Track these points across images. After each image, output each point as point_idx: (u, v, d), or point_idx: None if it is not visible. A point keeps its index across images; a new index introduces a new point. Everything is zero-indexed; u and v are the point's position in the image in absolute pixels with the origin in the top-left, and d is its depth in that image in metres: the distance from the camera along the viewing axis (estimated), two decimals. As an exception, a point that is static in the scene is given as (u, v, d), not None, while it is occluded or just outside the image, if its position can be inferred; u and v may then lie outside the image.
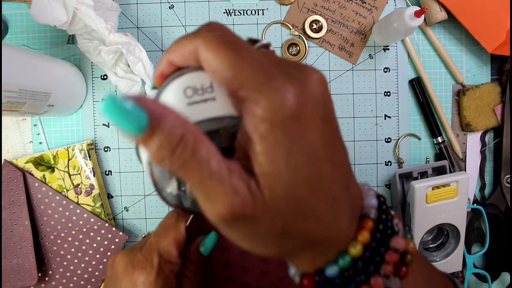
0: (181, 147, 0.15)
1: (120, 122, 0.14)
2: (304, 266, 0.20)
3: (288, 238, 0.18)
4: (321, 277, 0.20)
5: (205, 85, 0.18)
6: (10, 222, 0.47)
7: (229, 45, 0.17)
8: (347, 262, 0.19)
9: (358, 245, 0.19)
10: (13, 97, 0.37)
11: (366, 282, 0.19)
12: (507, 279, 0.52)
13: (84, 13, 0.41)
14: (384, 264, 0.20)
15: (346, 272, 0.19)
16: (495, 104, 0.50)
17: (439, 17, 0.48)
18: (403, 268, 0.20)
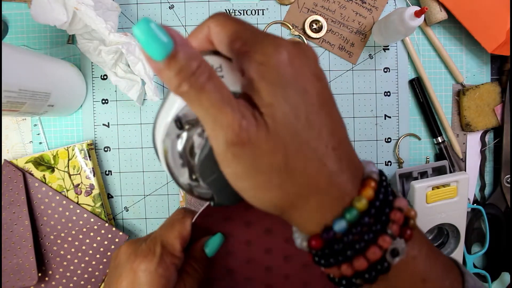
0: (199, 71, 0.17)
1: (150, 42, 0.16)
2: (310, 224, 0.20)
3: (290, 178, 0.19)
4: (329, 234, 0.20)
5: (215, 66, 0.21)
6: (10, 222, 0.47)
7: (233, 19, 0.20)
8: (354, 216, 0.19)
9: (363, 200, 0.19)
10: (13, 97, 0.37)
11: (374, 241, 0.20)
12: (507, 279, 0.52)
13: (84, 13, 0.41)
14: (390, 223, 0.20)
15: (354, 229, 0.20)
16: (495, 104, 0.50)
17: (439, 17, 0.48)
18: (408, 231, 0.20)
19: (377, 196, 0.20)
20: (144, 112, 0.52)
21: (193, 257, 0.28)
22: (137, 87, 0.48)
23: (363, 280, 0.21)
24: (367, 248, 0.20)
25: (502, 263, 0.51)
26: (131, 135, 0.51)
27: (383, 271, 0.20)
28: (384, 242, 0.20)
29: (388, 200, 0.20)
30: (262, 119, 0.19)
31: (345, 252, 0.20)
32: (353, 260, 0.20)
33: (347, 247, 0.20)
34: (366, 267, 0.20)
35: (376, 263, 0.20)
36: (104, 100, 0.51)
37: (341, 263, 0.20)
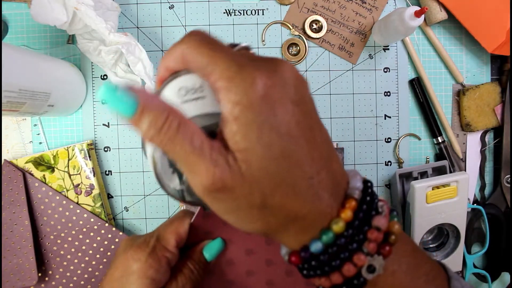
0: (166, 125, 0.18)
1: (115, 106, 0.17)
2: (291, 243, 0.22)
3: (269, 212, 0.20)
4: (307, 253, 0.21)
5: (196, 85, 0.21)
6: (10, 222, 0.47)
7: (207, 44, 0.20)
8: (330, 238, 0.20)
9: (340, 222, 0.20)
10: (13, 97, 0.37)
11: (350, 259, 0.21)
12: (507, 279, 0.52)
13: (84, 13, 0.41)
14: (367, 242, 0.21)
15: (330, 249, 0.21)
16: (495, 104, 0.50)
17: (439, 17, 0.48)
18: (386, 247, 0.21)
19: (356, 215, 0.21)
20: (144, 112, 0.51)
21: (191, 258, 0.29)
22: (137, 87, 0.48)
23: None
24: (342, 265, 0.21)
25: (502, 263, 0.51)
26: (131, 135, 0.51)
27: (359, 286, 0.21)
28: (359, 260, 0.21)
29: (367, 219, 0.21)
30: (236, 165, 0.19)
31: (323, 268, 0.21)
32: (330, 275, 0.21)
33: (324, 264, 0.21)
34: (342, 282, 0.21)
35: (352, 278, 0.21)
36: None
37: (320, 275, 0.22)
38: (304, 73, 0.52)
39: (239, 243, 0.29)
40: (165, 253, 0.28)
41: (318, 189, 0.20)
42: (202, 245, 0.29)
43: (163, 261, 0.27)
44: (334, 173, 0.21)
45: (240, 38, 0.51)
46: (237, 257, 0.29)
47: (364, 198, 0.21)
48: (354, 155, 0.52)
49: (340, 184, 0.22)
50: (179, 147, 0.18)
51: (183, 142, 0.18)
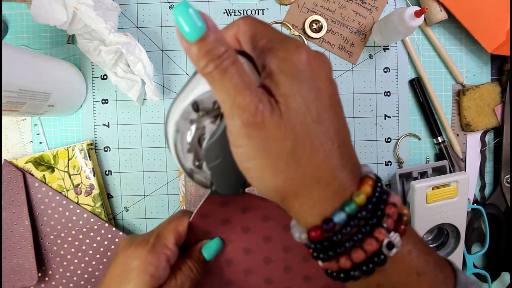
0: (226, 55, 0.19)
1: (185, 24, 0.18)
2: (311, 215, 0.22)
3: (296, 165, 0.21)
4: (329, 225, 0.21)
5: None
6: (10, 222, 0.47)
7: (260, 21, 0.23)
8: (353, 209, 0.21)
9: (362, 195, 0.21)
10: (13, 97, 0.37)
11: (371, 233, 0.21)
12: (507, 279, 0.52)
13: (84, 13, 0.41)
14: (386, 217, 0.21)
15: (352, 221, 0.21)
16: (495, 104, 0.50)
17: (439, 17, 0.48)
18: (402, 226, 0.22)
19: (374, 192, 0.22)
20: (144, 112, 0.52)
21: (190, 257, 0.29)
22: (137, 87, 0.48)
23: (361, 272, 0.22)
24: (364, 240, 0.21)
25: (502, 263, 0.51)
26: (131, 135, 0.51)
27: (380, 263, 0.21)
28: (380, 234, 0.21)
29: (383, 197, 0.22)
30: (277, 106, 0.20)
31: (344, 244, 0.21)
32: (351, 252, 0.21)
33: (346, 239, 0.21)
34: (363, 259, 0.21)
35: (373, 255, 0.21)
36: (104, 100, 0.51)
37: (339, 256, 0.22)
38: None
39: (237, 243, 0.29)
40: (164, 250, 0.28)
41: (343, 158, 0.21)
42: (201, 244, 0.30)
43: (162, 258, 0.28)
44: (353, 152, 0.23)
45: (240, 38, 0.51)
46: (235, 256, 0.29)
47: (378, 180, 0.23)
48: (354, 155, 0.52)
49: (357, 165, 0.23)
50: (229, 79, 0.19)
51: (235, 75, 0.19)
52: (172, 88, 0.51)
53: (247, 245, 0.29)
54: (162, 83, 0.51)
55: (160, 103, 0.51)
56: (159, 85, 0.51)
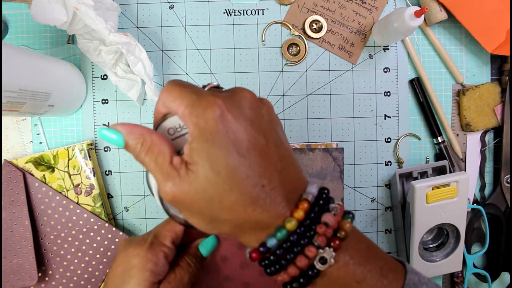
0: (141, 149, 0.24)
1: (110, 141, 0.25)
2: (251, 242, 0.25)
3: (221, 221, 0.24)
4: (264, 249, 0.24)
5: (181, 124, 0.26)
6: (10, 222, 0.47)
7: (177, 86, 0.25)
8: (284, 235, 0.24)
9: (293, 221, 0.23)
10: (13, 97, 0.37)
11: (302, 252, 0.24)
12: (507, 279, 0.52)
13: (84, 13, 0.41)
14: (316, 236, 0.24)
15: (284, 244, 0.24)
16: (495, 104, 0.50)
17: (439, 17, 0.48)
18: (336, 241, 0.24)
19: (308, 215, 0.24)
20: (144, 112, 0.52)
21: (187, 253, 0.31)
22: (137, 87, 0.48)
23: (299, 284, 0.24)
24: (295, 258, 0.24)
25: (502, 263, 0.51)
26: (131, 135, 0.51)
27: (314, 276, 0.24)
28: (310, 252, 0.24)
29: (317, 217, 0.24)
30: (186, 175, 0.23)
31: (280, 262, 0.24)
32: (288, 268, 0.24)
33: (282, 258, 0.24)
34: (298, 274, 0.24)
35: (307, 269, 0.24)
36: (104, 100, 0.51)
37: (279, 271, 0.25)
38: (304, 73, 0.52)
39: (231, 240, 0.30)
40: (162, 248, 0.30)
41: (270, 195, 0.23)
42: (198, 242, 0.32)
43: (161, 255, 0.30)
44: (290, 180, 0.25)
45: (240, 38, 0.51)
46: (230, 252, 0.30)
47: (317, 201, 0.25)
48: (354, 155, 0.52)
49: (297, 190, 0.25)
50: (148, 164, 0.24)
51: (150, 161, 0.24)
52: (172, 88, 0.51)
53: None
54: (162, 83, 0.51)
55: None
56: (159, 85, 0.51)
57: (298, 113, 0.52)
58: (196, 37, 0.51)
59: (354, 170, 0.52)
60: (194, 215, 0.24)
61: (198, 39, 0.51)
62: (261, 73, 0.51)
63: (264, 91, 0.52)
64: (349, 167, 0.52)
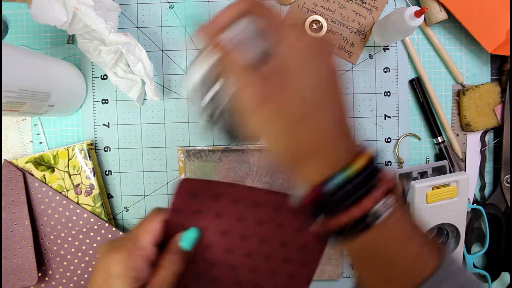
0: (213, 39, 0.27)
1: None
2: (313, 175, 0.25)
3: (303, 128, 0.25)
4: (327, 187, 0.24)
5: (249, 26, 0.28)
6: (10, 222, 0.47)
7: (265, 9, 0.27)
8: (351, 174, 0.24)
9: (356, 165, 0.25)
10: (13, 97, 0.37)
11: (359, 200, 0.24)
12: (507, 279, 0.52)
13: (84, 13, 0.41)
14: (375, 188, 0.25)
15: (345, 187, 0.24)
16: (495, 104, 0.50)
17: (439, 17, 0.48)
18: (393, 196, 0.25)
19: (368, 166, 0.25)
20: (144, 112, 0.52)
21: (168, 251, 0.30)
22: (137, 87, 0.48)
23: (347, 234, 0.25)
24: (353, 204, 0.24)
25: (502, 263, 0.51)
26: (131, 135, 0.51)
27: (365, 227, 0.24)
28: (369, 201, 0.24)
29: (375, 172, 0.25)
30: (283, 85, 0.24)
31: (335, 206, 0.25)
32: (340, 214, 0.25)
33: (338, 201, 0.25)
34: (350, 221, 0.24)
35: (359, 219, 0.24)
36: (104, 100, 0.51)
37: (331, 216, 0.25)
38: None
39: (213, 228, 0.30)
40: (141, 252, 0.29)
41: (342, 133, 0.26)
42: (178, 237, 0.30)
43: (141, 259, 0.29)
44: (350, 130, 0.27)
45: (240, 38, 0.51)
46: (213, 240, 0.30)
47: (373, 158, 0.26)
48: (354, 155, 0.52)
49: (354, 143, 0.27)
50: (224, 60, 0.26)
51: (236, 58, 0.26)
52: (172, 88, 0.51)
53: (222, 228, 0.30)
54: (162, 83, 0.51)
55: (160, 103, 0.51)
56: (159, 85, 0.51)
57: (298, 113, 0.52)
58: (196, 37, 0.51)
59: (354, 170, 0.52)
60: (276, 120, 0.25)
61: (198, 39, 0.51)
62: (261, 73, 0.51)
63: (264, 91, 0.52)
64: (349, 167, 0.52)
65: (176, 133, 0.51)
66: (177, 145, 0.52)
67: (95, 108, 0.51)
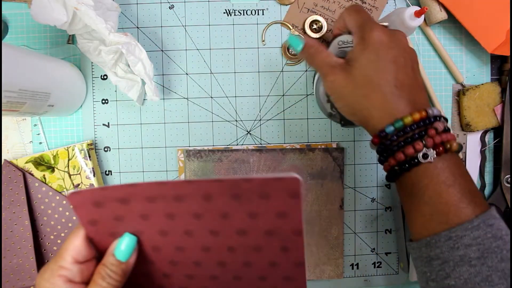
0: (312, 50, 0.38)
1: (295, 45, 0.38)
2: (375, 125, 0.34)
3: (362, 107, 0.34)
4: (383, 133, 0.33)
5: (348, 40, 0.39)
6: (10, 222, 0.47)
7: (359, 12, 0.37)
8: (400, 125, 0.32)
9: (408, 118, 0.32)
10: (13, 97, 0.37)
11: (411, 143, 0.32)
12: (507, 279, 0.52)
13: (84, 13, 0.41)
14: (426, 137, 0.31)
15: (399, 133, 0.32)
16: (495, 104, 0.50)
17: (439, 17, 0.48)
18: (440, 147, 0.31)
19: (422, 120, 0.32)
20: (144, 112, 0.52)
21: (103, 264, 0.28)
22: (137, 87, 0.48)
23: (400, 169, 0.32)
24: (405, 146, 0.32)
25: (502, 263, 0.51)
26: (131, 135, 0.52)
27: (415, 165, 0.31)
28: (418, 145, 0.31)
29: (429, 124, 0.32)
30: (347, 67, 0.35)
31: (392, 148, 0.33)
32: (396, 154, 0.32)
33: (394, 145, 0.32)
34: (403, 159, 0.32)
35: (411, 158, 0.32)
36: (104, 100, 0.51)
37: (389, 156, 0.33)
38: (304, 73, 0.52)
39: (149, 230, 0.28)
40: (60, 272, 0.27)
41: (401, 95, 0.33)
42: (112, 247, 0.28)
43: (61, 280, 0.27)
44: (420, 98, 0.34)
45: (240, 38, 0.51)
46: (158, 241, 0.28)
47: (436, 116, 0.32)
48: (354, 155, 0.52)
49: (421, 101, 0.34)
50: (318, 62, 0.37)
51: (318, 59, 0.37)
52: (172, 88, 0.51)
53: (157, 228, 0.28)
54: (162, 83, 0.51)
55: (160, 103, 0.51)
56: (159, 85, 0.51)
57: (298, 113, 0.52)
58: (196, 37, 0.51)
59: (354, 170, 0.52)
60: (345, 100, 0.35)
61: (198, 39, 0.51)
62: (261, 73, 0.52)
63: (264, 91, 0.52)
64: (349, 167, 0.52)
65: (176, 133, 0.51)
66: (177, 145, 0.52)
67: (95, 108, 0.51)
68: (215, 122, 0.52)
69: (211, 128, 0.52)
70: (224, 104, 0.52)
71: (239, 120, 0.52)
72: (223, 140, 0.52)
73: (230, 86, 0.51)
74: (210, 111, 0.52)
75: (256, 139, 0.52)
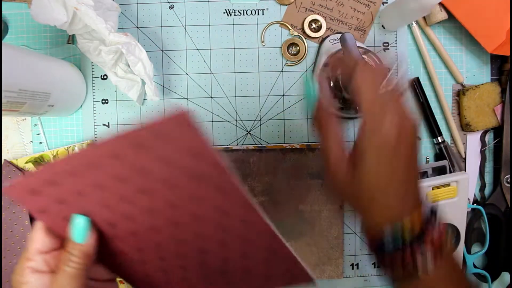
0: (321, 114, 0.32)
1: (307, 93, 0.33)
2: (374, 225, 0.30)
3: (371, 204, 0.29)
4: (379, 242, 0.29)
5: None
6: (10, 222, 0.47)
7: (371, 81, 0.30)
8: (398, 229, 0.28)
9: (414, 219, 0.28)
10: (13, 97, 0.37)
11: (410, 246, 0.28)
12: (507, 279, 0.52)
13: (84, 13, 0.41)
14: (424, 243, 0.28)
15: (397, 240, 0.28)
16: (495, 104, 0.50)
17: (439, 17, 0.48)
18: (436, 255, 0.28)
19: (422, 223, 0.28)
20: (144, 112, 0.52)
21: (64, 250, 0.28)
22: (137, 87, 0.48)
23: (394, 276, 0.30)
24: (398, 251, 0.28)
25: (502, 263, 0.51)
26: (131, 135, 0.51)
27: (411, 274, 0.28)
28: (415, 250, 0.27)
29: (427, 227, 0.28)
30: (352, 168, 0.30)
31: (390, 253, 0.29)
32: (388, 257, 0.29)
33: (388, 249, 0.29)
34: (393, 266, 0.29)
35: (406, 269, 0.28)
36: (104, 100, 0.51)
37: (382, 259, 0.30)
38: (304, 73, 0.52)
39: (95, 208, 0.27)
40: (26, 264, 0.28)
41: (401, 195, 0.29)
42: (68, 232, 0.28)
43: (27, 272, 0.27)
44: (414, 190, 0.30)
45: (240, 38, 0.51)
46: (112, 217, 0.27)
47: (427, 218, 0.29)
48: (354, 155, 0.52)
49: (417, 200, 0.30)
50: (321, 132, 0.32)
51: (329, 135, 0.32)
52: (172, 88, 0.51)
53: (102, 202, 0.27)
54: (162, 83, 0.51)
55: (160, 103, 0.51)
56: (159, 85, 0.51)
57: (298, 113, 0.52)
58: (196, 37, 0.51)
59: (354, 170, 0.52)
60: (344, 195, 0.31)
61: (198, 39, 0.51)
62: (261, 73, 0.52)
63: (264, 91, 0.52)
64: (349, 167, 0.52)
65: (176, 133, 0.51)
66: (177, 145, 0.51)
67: (95, 108, 0.51)
68: (215, 122, 0.52)
69: (211, 128, 0.52)
70: (224, 104, 0.52)
71: (239, 120, 0.52)
72: (223, 140, 0.52)
73: (230, 86, 0.51)
74: (210, 111, 0.52)
75: (256, 139, 0.52)
